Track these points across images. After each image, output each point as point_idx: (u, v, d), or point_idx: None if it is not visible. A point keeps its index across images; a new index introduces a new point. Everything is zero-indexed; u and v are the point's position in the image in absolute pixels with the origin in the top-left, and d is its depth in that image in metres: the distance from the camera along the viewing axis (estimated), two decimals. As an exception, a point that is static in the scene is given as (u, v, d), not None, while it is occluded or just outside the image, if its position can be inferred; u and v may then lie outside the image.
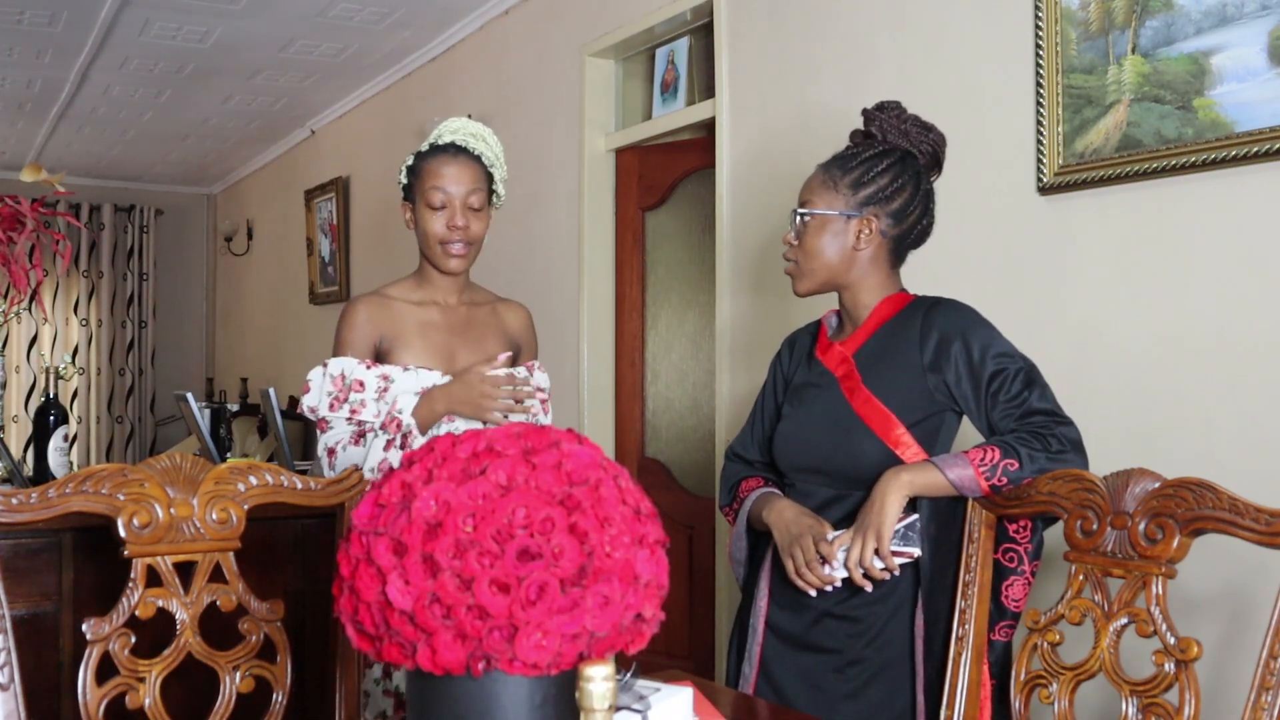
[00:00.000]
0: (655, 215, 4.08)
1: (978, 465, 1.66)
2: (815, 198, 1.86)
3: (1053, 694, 1.48)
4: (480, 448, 1.00)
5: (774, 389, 2.02)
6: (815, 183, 1.88)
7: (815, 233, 1.85)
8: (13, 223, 2.77)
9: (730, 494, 2.01)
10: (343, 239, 6.49)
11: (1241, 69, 2.09)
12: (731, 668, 1.93)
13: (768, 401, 2.03)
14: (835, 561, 1.72)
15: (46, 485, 1.39)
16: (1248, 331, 2.11)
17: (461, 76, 5.10)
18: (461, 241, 2.13)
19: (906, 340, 1.80)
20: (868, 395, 1.79)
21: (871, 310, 1.86)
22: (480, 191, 2.14)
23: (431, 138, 2.19)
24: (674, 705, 1.30)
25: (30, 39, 5.07)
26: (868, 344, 1.85)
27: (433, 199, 2.12)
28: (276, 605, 1.50)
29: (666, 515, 1.01)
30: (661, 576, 0.99)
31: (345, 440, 2.10)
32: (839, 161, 1.88)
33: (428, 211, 2.13)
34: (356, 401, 2.11)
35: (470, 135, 2.17)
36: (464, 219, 2.12)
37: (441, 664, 0.92)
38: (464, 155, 2.14)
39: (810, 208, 1.86)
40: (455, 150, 2.14)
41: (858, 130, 1.95)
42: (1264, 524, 1.31)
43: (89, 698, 1.36)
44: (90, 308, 8.43)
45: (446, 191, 2.11)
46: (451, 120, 2.21)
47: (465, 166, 2.13)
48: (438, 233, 2.13)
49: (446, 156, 2.13)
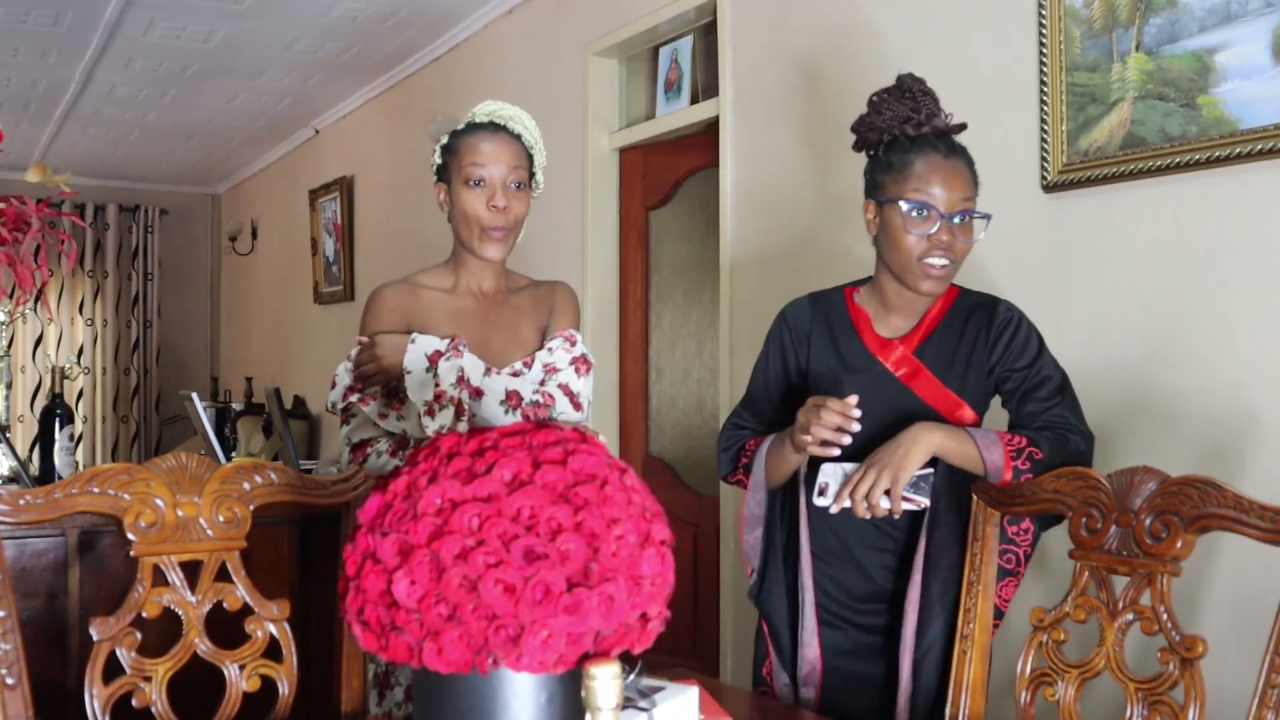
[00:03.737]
0: (659, 214, 4.08)
1: (1006, 446, 1.69)
2: (972, 194, 1.81)
3: (1058, 692, 1.48)
4: (486, 446, 1.00)
5: (784, 372, 1.95)
6: (969, 178, 1.81)
7: (971, 230, 1.81)
8: (18, 223, 2.77)
9: (734, 458, 1.96)
10: (347, 238, 6.49)
11: (1245, 66, 2.08)
12: (781, 637, 1.87)
13: (773, 384, 1.96)
14: (831, 486, 1.73)
15: (53, 485, 1.39)
16: (1253, 329, 2.11)
17: (465, 76, 5.10)
18: (501, 226, 1.98)
19: (969, 341, 1.81)
20: (938, 385, 1.80)
21: (934, 301, 1.85)
22: (521, 170, 1.99)
23: (467, 117, 2.06)
24: (680, 704, 1.30)
25: (35, 39, 5.07)
26: (930, 339, 1.83)
27: (471, 175, 1.96)
28: (282, 604, 1.50)
29: (671, 513, 1.01)
30: (667, 576, 0.99)
31: (382, 445, 1.99)
32: (963, 152, 1.82)
33: (465, 190, 1.97)
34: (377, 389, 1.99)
35: (509, 116, 2.04)
36: (504, 199, 1.96)
37: (447, 662, 0.92)
38: (504, 133, 2.00)
39: (972, 205, 1.81)
40: (495, 128, 2.00)
41: (928, 100, 1.85)
42: (1269, 521, 1.31)
43: (96, 697, 1.37)
44: (95, 307, 8.44)
45: (486, 169, 1.96)
46: (488, 102, 2.08)
47: (506, 144, 1.99)
48: (476, 213, 1.97)
49: (486, 133, 1.99)
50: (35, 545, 2.04)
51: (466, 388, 1.95)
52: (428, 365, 1.95)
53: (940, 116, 1.83)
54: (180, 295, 8.86)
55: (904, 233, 1.77)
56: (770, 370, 1.97)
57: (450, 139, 2.03)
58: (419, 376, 1.95)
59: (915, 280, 1.79)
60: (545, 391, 2.01)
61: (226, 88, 6.02)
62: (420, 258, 2.26)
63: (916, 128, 1.80)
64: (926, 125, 1.80)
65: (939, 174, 1.76)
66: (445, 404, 1.93)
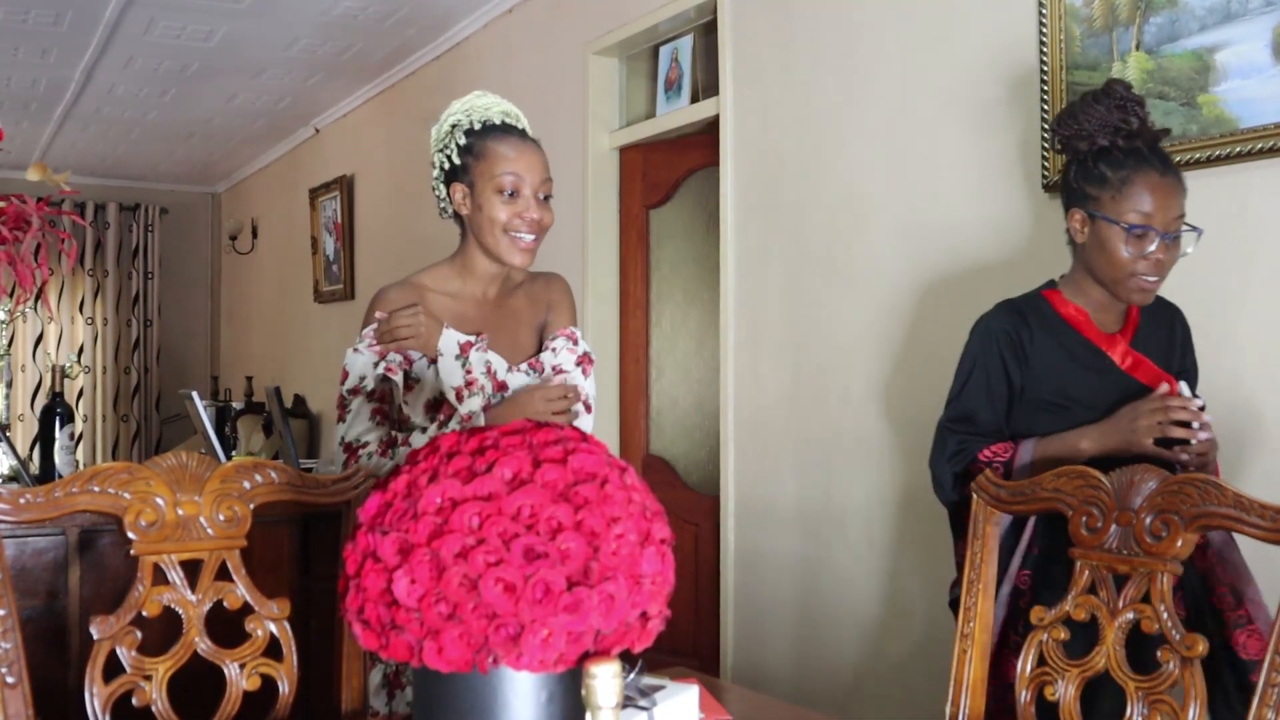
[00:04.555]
0: (659, 212, 4.08)
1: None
2: (1184, 209, 1.81)
3: (1058, 691, 1.48)
4: (486, 445, 1.00)
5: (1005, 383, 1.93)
6: (1182, 192, 1.81)
7: (1180, 243, 1.82)
8: (18, 222, 2.77)
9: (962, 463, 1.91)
10: (347, 238, 6.50)
11: (1246, 65, 2.08)
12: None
13: (998, 397, 1.93)
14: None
15: (53, 484, 1.39)
16: (1253, 328, 2.10)
17: (465, 75, 5.10)
18: (534, 235, 1.95)
19: (1163, 338, 1.91)
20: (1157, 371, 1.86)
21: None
22: (550, 182, 1.97)
23: (475, 114, 1.99)
24: (680, 703, 1.30)
25: (35, 38, 5.07)
26: (1139, 334, 1.90)
27: (504, 184, 1.91)
28: (282, 603, 1.50)
29: (671, 512, 1.01)
30: (668, 575, 0.99)
31: (373, 447, 1.97)
32: (1175, 166, 1.82)
33: (496, 199, 1.92)
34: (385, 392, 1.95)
35: (524, 121, 2.01)
36: (537, 211, 1.93)
37: (448, 661, 0.92)
38: (529, 140, 1.97)
39: (1184, 219, 1.81)
40: (522, 134, 1.96)
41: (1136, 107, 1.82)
42: (1269, 520, 1.31)
43: (96, 695, 1.37)
44: (95, 306, 8.44)
45: (520, 178, 1.92)
46: (485, 95, 2.02)
47: (536, 152, 1.96)
48: (508, 223, 1.93)
49: (516, 140, 1.95)
50: (35, 544, 2.04)
51: (493, 380, 1.96)
52: (458, 353, 1.95)
53: (1149, 125, 1.82)
54: (180, 294, 8.86)
55: (1121, 251, 1.80)
56: (993, 386, 1.93)
57: (469, 139, 1.96)
58: (449, 362, 1.95)
59: (1128, 293, 1.84)
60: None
61: (227, 87, 6.02)
62: (420, 256, 2.26)
63: (1129, 139, 1.80)
64: (1139, 138, 1.80)
65: (1159, 194, 1.77)
66: (475, 391, 1.93)
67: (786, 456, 3.24)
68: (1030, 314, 1.93)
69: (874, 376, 2.95)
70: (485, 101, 2.01)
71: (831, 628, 3.05)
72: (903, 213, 2.87)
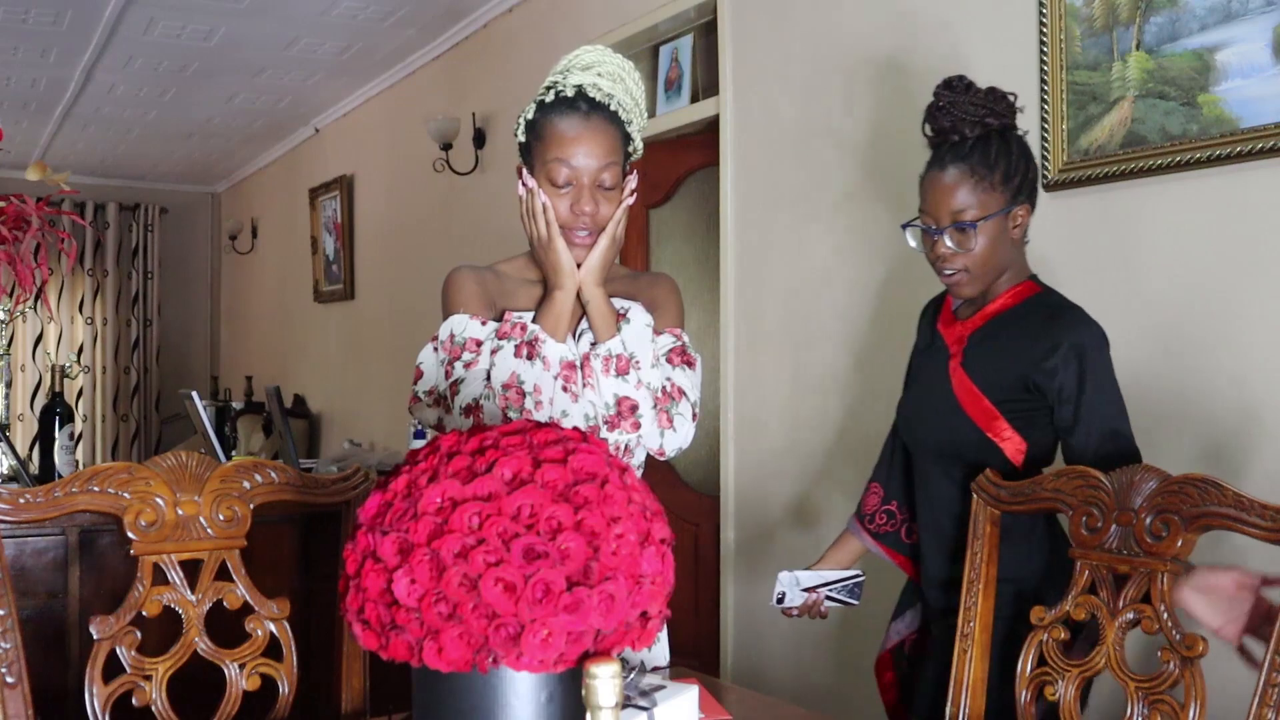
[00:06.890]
0: (659, 212, 4.08)
1: None
2: (974, 202, 1.80)
3: (1058, 691, 1.48)
4: (486, 444, 1.00)
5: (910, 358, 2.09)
6: (967, 187, 1.80)
7: (985, 236, 1.81)
8: (18, 221, 2.77)
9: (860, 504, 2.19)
10: (347, 237, 6.50)
11: (1246, 65, 2.08)
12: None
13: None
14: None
15: (53, 484, 1.39)
16: (1253, 327, 2.10)
17: (465, 74, 5.10)
18: (587, 229, 1.72)
19: (1024, 333, 1.81)
20: (967, 383, 1.85)
21: (1000, 294, 1.87)
22: (614, 166, 1.70)
23: (556, 75, 1.74)
24: (680, 702, 1.30)
25: (35, 38, 5.07)
26: (986, 326, 1.88)
27: (556, 175, 1.69)
28: (282, 603, 1.50)
29: (671, 512, 1.01)
30: (668, 575, 0.99)
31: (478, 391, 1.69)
32: (980, 159, 1.80)
33: (549, 189, 1.70)
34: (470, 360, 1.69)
35: (607, 76, 1.73)
36: (591, 203, 1.69)
37: (447, 661, 0.92)
38: (598, 116, 1.70)
39: (973, 214, 1.80)
40: (588, 109, 1.69)
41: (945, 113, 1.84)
42: (1269, 520, 1.31)
43: (96, 695, 1.37)
44: (95, 306, 8.44)
45: (573, 167, 1.68)
46: (584, 52, 1.75)
47: (599, 133, 1.69)
48: (562, 216, 1.70)
49: (577, 118, 1.68)
50: (35, 544, 2.04)
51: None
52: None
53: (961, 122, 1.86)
54: (180, 294, 8.87)
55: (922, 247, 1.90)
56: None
57: (536, 113, 1.73)
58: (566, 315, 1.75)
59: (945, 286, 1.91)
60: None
61: (226, 86, 6.02)
62: (420, 256, 2.26)
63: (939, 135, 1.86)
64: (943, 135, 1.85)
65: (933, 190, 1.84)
66: (514, 336, 1.73)
67: (786, 456, 3.24)
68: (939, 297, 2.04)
69: (874, 376, 2.95)
70: (579, 59, 1.75)
71: (831, 627, 3.05)
72: (903, 213, 2.87)
